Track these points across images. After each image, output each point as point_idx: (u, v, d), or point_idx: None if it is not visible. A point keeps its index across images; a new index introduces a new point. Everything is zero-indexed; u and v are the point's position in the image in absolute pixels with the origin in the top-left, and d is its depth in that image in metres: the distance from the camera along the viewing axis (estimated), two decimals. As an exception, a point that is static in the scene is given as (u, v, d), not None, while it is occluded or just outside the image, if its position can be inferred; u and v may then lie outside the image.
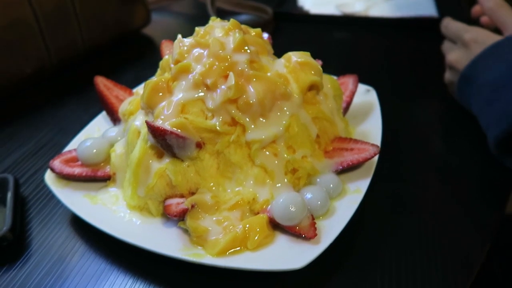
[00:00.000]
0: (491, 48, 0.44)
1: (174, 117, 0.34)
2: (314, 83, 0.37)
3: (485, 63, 0.43)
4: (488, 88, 0.42)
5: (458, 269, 0.33)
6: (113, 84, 0.46)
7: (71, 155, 0.40)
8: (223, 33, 0.36)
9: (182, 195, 0.35)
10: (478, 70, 0.44)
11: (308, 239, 0.31)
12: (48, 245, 0.37)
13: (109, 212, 0.36)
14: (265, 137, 0.34)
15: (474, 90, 0.44)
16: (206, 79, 0.34)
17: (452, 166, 0.43)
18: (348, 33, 0.69)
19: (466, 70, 0.45)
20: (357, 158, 0.36)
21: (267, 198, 0.34)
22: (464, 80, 0.46)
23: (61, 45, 0.58)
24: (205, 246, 0.32)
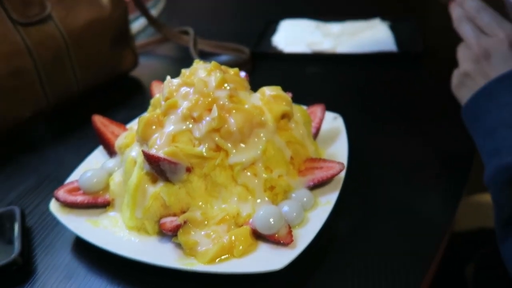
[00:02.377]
0: None
1: (166, 146, 0.39)
2: (285, 112, 0.43)
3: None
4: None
5: (418, 270, 0.38)
6: (109, 121, 0.51)
7: (73, 186, 0.45)
8: (206, 74, 0.43)
9: (175, 214, 0.40)
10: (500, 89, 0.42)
11: (286, 245, 0.37)
12: (53, 267, 0.41)
13: (110, 233, 0.41)
14: (245, 160, 0.40)
15: (493, 107, 0.42)
16: (193, 113, 0.40)
17: (413, 180, 0.49)
18: (318, 68, 0.77)
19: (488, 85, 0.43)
20: (326, 175, 0.42)
21: (249, 212, 0.39)
22: (484, 94, 0.43)
23: (58, 90, 0.63)
24: (197, 256, 0.37)
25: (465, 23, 0.48)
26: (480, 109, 0.44)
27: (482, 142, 0.43)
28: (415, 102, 0.64)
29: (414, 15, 0.88)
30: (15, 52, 0.57)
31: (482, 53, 0.46)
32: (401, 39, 0.79)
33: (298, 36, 0.84)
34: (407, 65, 0.74)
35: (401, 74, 0.72)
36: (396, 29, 0.83)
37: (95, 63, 0.68)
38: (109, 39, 0.69)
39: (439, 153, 0.54)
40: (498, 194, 0.40)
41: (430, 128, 0.58)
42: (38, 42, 0.59)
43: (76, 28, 0.64)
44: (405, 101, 0.65)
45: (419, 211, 0.45)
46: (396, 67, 0.74)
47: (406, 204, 0.45)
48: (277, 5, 1.04)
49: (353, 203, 0.45)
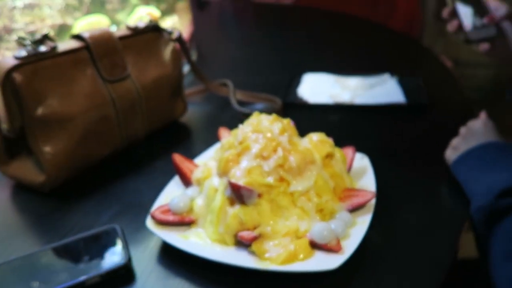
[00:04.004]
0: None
1: (243, 177, 0.52)
2: (329, 153, 0.57)
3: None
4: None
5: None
6: (184, 158, 0.64)
7: (164, 208, 0.57)
8: (269, 123, 0.57)
9: (248, 229, 0.53)
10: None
11: (336, 252, 0.49)
12: (150, 271, 0.53)
13: (199, 244, 0.53)
14: (302, 188, 0.53)
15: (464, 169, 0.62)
16: (263, 153, 0.54)
17: (424, 209, 0.62)
18: (339, 117, 0.91)
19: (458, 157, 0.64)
20: (362, 201, 0.55)
21: (306, 228, 0.52)
22: (458, 161, 0.64)
23: (130, 133, 0.77)
24: (271, 259, 0.49)
25: None
26: (456, 170, 0.64)
27: (464, 189, 0.61)
28: (422, 145, 0.78)
29: (420, 72, 1.04)
30: (104, 103, 0.71)
31: (467, 133, 0.68)
32: (409, 92, 0.94)
33: (320, 88, 0.99)
34: (415, 114, 0.89)
35: (410, 122, 0.87)
36: (403, 83, 0.98)
37: (157, 111, 0.83)
38: (168, 91, 0.84)
39: (445, 189, 0.67)
40: (480, 228, 0.57)
41: (435, 167, 0.72)
42: (120, 96, 0.74)
43: (147, 84, 0.78)
44: (414, 144, 0.79)
45: (428, 233, 0.57)
46: (405, 115, 0.89)
47: (421, 226, 0.58)
48: (301, 60, 1.20)
49: (382, 222, 0.58)
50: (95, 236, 0.56)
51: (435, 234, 0.57)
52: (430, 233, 0.57)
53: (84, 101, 0.69)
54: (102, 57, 0.72)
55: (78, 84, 0.69)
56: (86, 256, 0.54)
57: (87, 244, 0.56)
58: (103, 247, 0.55)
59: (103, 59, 0.72)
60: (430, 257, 0.53)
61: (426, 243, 0.55)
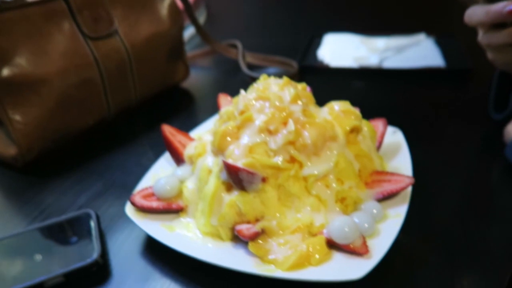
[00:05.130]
0: None
1: (243, 157, 0.41)
2: (355, 126, 0.44)
3: None
4: None
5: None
6: (176, 131, 0.53)
7: (148, 192, 0.47)
8: (279, 88, 0.45)
9: (249, 222, 0.42)
10: None
11: (361, 255, 0.38)
12: (129, 269, 0.43)
13: (186, 238, 0.42)
14: (319, 172, 0.41)
15: None
16: (269, 126, 0.42)
17: (475, 197, 0.50)
18: (365, 84, 0.78)
19: None
20: (396, 188, 0.43)
21: (322, 222, 0.41)
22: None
23: (119, 100, 0.66)
24: (276, 263, 0.38)
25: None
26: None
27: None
28: (467, 119, 0.65)
29: (461, 32, 0.89)
30: (85, 64, 0.60)
31: None
32: (448, 55, 0.80)
33: (343, 50, 0.86)
34: (456, 81, 0.74)
35: (451, 91, 0.73)
36: (442, 45, 0.84)
37: (152, 75, 0.71)
38: (165, 52, 0.73)
39: (499, 168, 0.54)
40: None
41: (486, 145, 0.58)
42: (105, 55, 0.62)
43: (138, 42, 0.67)
44: (456, 117, 0.65)
45: (482, 225, 0.45)
46: (445, 83, 0.75)
47: (468, 217, 0.46)
48: (322, 19, 1.06)
49: (417, 216, 0.46)
50: (64, 224, 0.47)
51: (489, 230, 0.44)
52: (482, 228, 0.44)
53: (61, 61, 0.58)
54: (83, 9, 0.61)
55: (53, 40, 0.58)
56: (50, 249, 0.44)
57: (53, 234, 0.46)
58: (72, 238, 0.45)
59: (84, 11, 0.61)
60: (483, 260, 0.41)
61: (477, 241, 0.43)
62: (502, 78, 0.57)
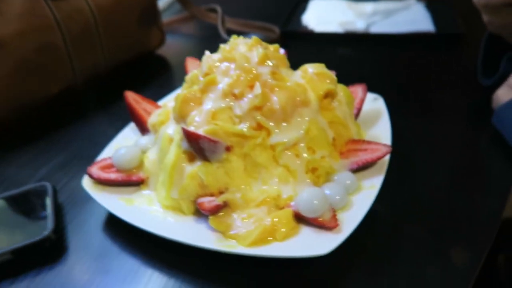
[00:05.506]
0: None
1: (205, 124, 0.37)
2: (329, 91, 0.41)
3: None
4: None
5: (459, 275, 0.35)
6: (141, 98, 0.49)
7: (106, 163, 0.43)
8: (247, 49, 0.41)
9: (212, 194, 0.38)
10: None
11: (331, 229, 0.35)
12: (86, 245, 0.40)
13: (144, 212, 0.39)
14: (288, 140, 0.38)
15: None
16: (234, 89, 0.38)
17: (460, 168, 0.47)
18: (351, 49, 0.74)
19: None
20: (371, 157, 0.39)
21: (290, 194, 0.37)
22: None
23: (86, 66, 0.62)
24: (238, 238, 0.35)
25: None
26: (507, 121, 0.45)
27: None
28: (455, 86, 0.61)
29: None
30: (45, 26, 0.56)
31: None
32: (439, 20, 0.75)
33: (329, 15, 0.81)
34: (446, 47, 0.70)
35: (440, 56, 0.69)
36: (432, 9, 0.79)
37: (123, 40, 0.67)
38: (137, 16, 0.68)
39: (483, 139, 0.51)
40: None
41: (473, 113, 0.55)
42: (67, 16, 0.58)
43: (105, 3, 0.62)
44: (444, 83, 0.62)
45: (464, 202, 0.42)
46: (434, 48, 0.71)
47: (448, 194, 0.43)
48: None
49: (396, 188, 0.43)
50: (17, 198, 0.43)
51: (473, 201, 0.41)
52: (466, 199, 0.42)
53: (17, 23, 0.54)
54: (40, -35, 0.55)
55: (7, 0, 0.53)
56: (1, 225, 0.41)
57: (5, 208, 0.43)
58: (25, 213, 0.42)
59: (42, -33, 0.55)
60: (465, 236, 0.38)
61: (460, 212, 0.40)
62: (491, 42, 0.53)
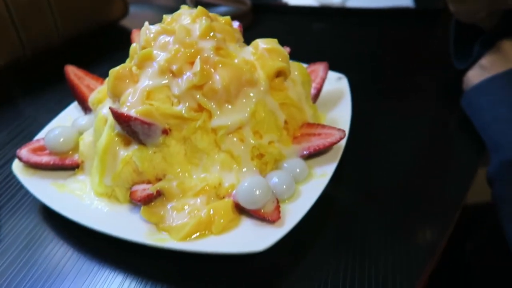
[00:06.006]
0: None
1: (139, 104, 0.34)
2: (281, 69, 0.37)
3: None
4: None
5: (420, 256, 0.33)
6: (85, 74, 0.45)
7: (39, 144, 0.40)
8: (190, 20, 0.36)
9: (149, 182, 0.35)
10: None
11: (272, 222, 0.32)
12: (16, 233, 0.37)
13: (76, 199, 0.36)
14: (231, 123, 0.34)
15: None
16: (171, 66, 0.34)
17: (422, 151, 0.44)
18: (326, 24, 0.70)
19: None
20: (323, 143, 0.36)
21: (233, 183, 0.34)
22: (479, 90, 0.44)
23: (35, 37, 0.57)
24: (171, 231, 0.32)
25: None
26: (476, 102, 0.44)
27: (482, 136, 0.43)
28: (430, 65, 0.58)
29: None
30: (-17, -8, 0.51)
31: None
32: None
33: (305, -13, 0.76)
34: (424, 23, 0.66)
35: (417, 33, 0.65)
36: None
37: (79, 10, 0.62)
38: (94, -18, 0.62)
39: (452, 122, 0.48)
40: (503, 189, 0.38)
41: (444, 94, 0.52)
42: (9, -20, 0.53)
43: (54, -33, 0.57)
44: (419, 64, 0.58)
45: (427, 185, 0.39)
46: (412, 25, 0.67)
47: (413, 177, 0.40)
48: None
49: (352, 176, 0.40)
50: None
51: (433, 195, 0.39)
52: (424, 194, 0.39)
53: (-50, -13, 0.48)
54: None
55: None
56: None
57: None
58: None
59: None
60: (427, 220, 0.35)
61: (417, 208, 0.37)
62: (461, 27, 0.50)
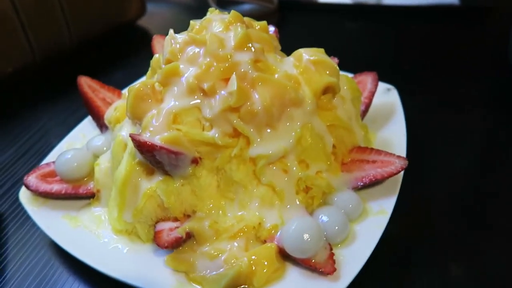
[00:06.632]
0: None
1: (165, 129, 0.28)
2: (329, 85, 0.31)
3: None
4: None
5: None
6: (100, 85, 0.40)
7: (49, 169, 0.35)
8: (223, 28, 0.31)
9: (176, 218, 0.30)
10: None
11: (326, 274, 0.26)
12: (26, 271, 0.33)
13: (91, 236, 0.31)
14: (273, 151, 0.29)
15: None
16: (202, 83, 0.29)
17: (487, 180, 0.38)
18: (361, 24, 0.64)
19: None
20: (381, 173, 0.30)
21: (275, 223, 0.29)
22: None
23: (45, 41, 0.53)
24: (204, 283, 0.27)
25: None
26: None
27: None
28: (484, 68, 0.51)
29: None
30: (-12, -8, 0.46)
31: None
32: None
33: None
34: (471, 22, 0.60)
35: (463, 34, 0.59)
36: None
37: (92, 9, 0.57)
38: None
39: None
40: None
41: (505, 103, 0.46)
42: (17, -20, 0.48)
43: (66, -36, 0.52)
44: (471, 68, 0.52)
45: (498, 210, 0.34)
46: (457, 24, 0.60)
47: (480, 203, 0.34)
48: None
49: (410, 207, 0.34)
50: None
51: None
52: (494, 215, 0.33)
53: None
54: None
55: None
56: None
57: None
58: None
59: None
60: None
61: (482, 240, 0.32)
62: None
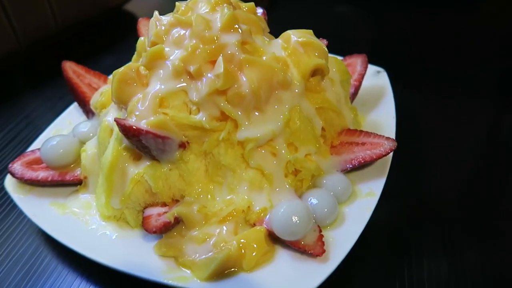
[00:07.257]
0: None
1: (151, 113, 0.28)
2: (318, 67, 0.31)
3: None
4: None
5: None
6: (85, 71, 0.40)
7: (35, 156, 0.34)
8: (209, 9, 0.30)
9: (165, 203, 0.30)
10: None
11: (315, 256, 0.26)
12: (14, 259, 0.33)
13: (80, 223, 0.31)
14: (261, 134, 0.29)
15: None
16: (188, 66, 0.28)
17: (475, 161, 0.38)
18: (352, 5, 0.63)
19: None
20: (370, 155, 0.30)
21: (264, 206, 0.29)
22: None
23: (30, 26, 0.52)
24: (193, 268, 0.27)
25: None
26: None
27: None
28: (483, 52, 0.51)
29: None
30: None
31: None
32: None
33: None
34: (471, 2, 0.59)
35: (463, 14, 0.58)
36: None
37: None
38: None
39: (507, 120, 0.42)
40: None
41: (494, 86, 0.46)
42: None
43: None
44: (469, 51, 0.52)
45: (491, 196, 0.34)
46: (448, 7, 0.60)
47: (472, 189, 0.35)
48: None
49: (399, 190, 0.34)
50: None
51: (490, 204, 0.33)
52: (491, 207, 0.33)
53: None
54: None
55: None
56: None
57: None
58: None
59: None
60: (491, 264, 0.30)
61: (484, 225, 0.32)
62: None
